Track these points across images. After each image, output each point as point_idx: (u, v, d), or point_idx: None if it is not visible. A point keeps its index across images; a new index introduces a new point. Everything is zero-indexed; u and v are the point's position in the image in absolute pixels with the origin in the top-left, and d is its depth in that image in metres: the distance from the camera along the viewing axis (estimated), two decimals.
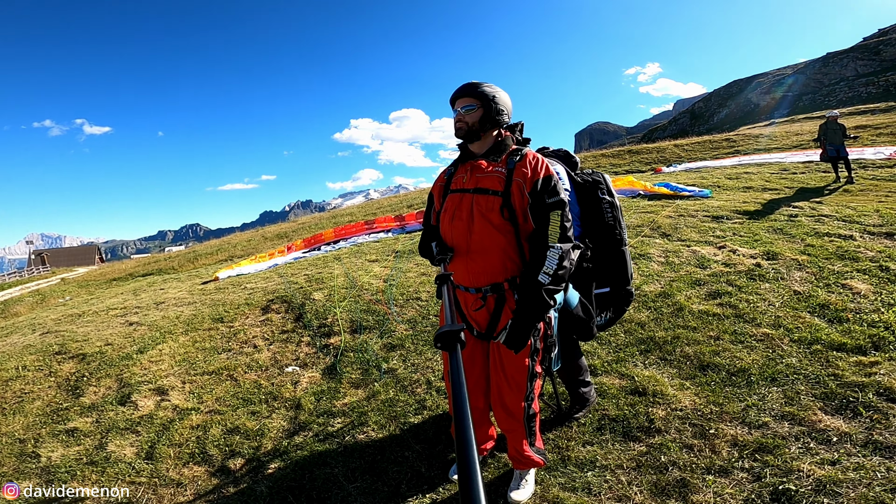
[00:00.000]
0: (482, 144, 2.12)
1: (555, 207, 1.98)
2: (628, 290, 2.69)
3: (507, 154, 2.08)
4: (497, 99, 2.06)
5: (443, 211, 2.17)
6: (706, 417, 2.68)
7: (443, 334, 1.17)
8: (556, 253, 1.94)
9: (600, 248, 2.55)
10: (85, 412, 3.74)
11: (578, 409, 2.83)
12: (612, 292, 2.63)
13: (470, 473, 0.75)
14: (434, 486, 2.41)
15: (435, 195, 2.27)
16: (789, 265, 4.78)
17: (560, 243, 1.95)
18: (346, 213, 20.88)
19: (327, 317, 5.07)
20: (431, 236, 2.24)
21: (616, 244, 2.57)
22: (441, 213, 2.18)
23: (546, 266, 1.93)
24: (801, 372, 3.01)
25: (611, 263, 2.59)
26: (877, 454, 2.24)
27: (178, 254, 20.51)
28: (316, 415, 3.24)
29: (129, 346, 5.15)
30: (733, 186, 9.47)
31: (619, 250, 2.59)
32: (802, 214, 6.71)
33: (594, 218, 2.56)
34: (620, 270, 2.62)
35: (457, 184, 2.14)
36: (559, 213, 1.98)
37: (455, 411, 0.92)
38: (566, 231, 1.98)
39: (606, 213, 2.55)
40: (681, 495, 2.16)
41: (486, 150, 2.11)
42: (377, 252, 8.57)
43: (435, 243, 2.12)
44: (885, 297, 3.83)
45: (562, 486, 2.30)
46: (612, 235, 2.56)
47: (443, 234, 2.16)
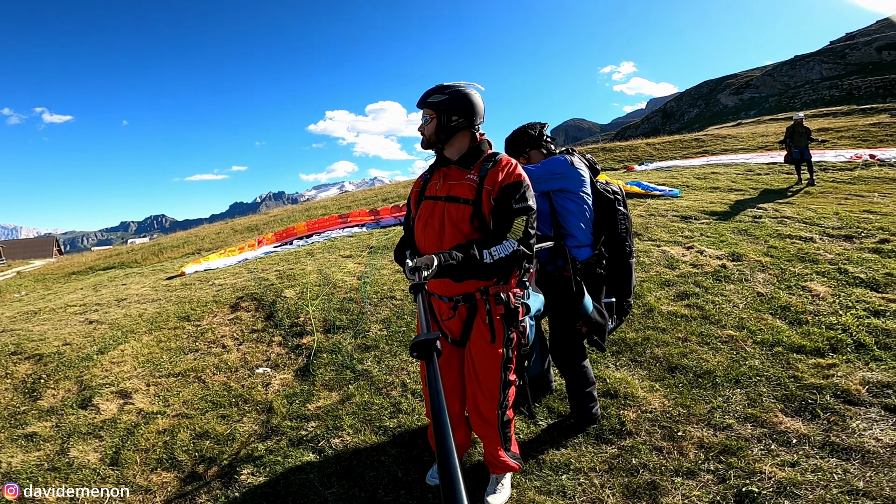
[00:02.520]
0: (454, 150, 2.07)
1: (521, 213, 1.91)
2: (629, 301, 2.76)
3: (482, 160, 2.03)
4: (450, 105, 1.97)
5: (417, 218, 2.13)
6: (675, 419, 2.76)
7: (419, 343, 1.16)
8: (513, 246, 1.87)
9: (611, 258, 2.62)
10: (44, 416, 3.56)
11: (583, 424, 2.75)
12: (616, 303, 2.69)
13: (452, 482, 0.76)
14: (412, 490, 2.41)
15: (411, 201, 2.23)
16: (753, 266, 4.96)
17: (520, 244, 1.89)
18: (320, 206, 20.52)
19: (299, 315, 4.97)
20: (407, 243, 2.20)
21: (625, 256, 2.64)
22: (416, 219, 2.14)
23: (496, 250, 1.85)
24: (763, 374, 3.14)
25: (617, 274, 2.65)
26: (833, 456, 2.35)
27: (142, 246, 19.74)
28: (289, 418, 3.18)
29: (89, 346, 4.92)
30: (701, 186, 9.76)
31: (626, 262, 2.66)
32: (766, 216, 6.98)
33: (607, 227, 2.62)
34: (625, 282, 2.69)
35: (431, 190, 2.10)
36: (524, 220, 1.92)
37: (434, 421, 0.92)
38: (529, 237, 1.92)
39: (620, 224, 2.62)
40: (651, 497, 2.22)
41: (460, 156, 2.06)
42: (351, 247, 8.46)
43: (409, 252, 2.08)
44: (843, 300, 4.03)
45: (537, 490, 2.33)
46: (623, 247, 2.63)
47: (416, 241, 2.12)
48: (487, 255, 1.83)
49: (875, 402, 2.73)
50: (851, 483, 2.15)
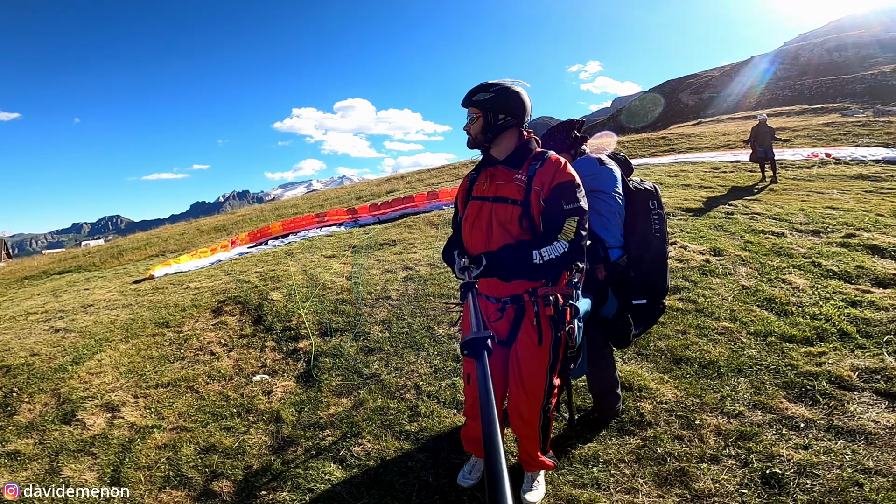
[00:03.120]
0: (501, 149, 2.04)
1: (572, 214, 1.86)
2: (663, 303, 2.70)
3: (530, 160, 1.99)
4: (496, 103, 1.93)
5: (464, 218, 2.10)
6: (689, 409, 2.85)
7: (470, 341, 1.17)
8: (563, 248, 1.82)
9: (642, 259, 2.54)
10: (23, 433, 3.29)
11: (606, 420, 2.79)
12: (648, 304, 2.61)
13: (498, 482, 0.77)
14: (445, 495, 2.38)
15: (458, 202, 2.19)
16: (734, 261, 5.19)
17: (571, 246, 1.84)
18: (290, 205, 19.99)
19: (291, 318, 4.81)
20: (455, 243, 2.17)
21: (660, 257, 2.58)
22: (463, 220, 2.11)
23: (546, 251, 1.82)
24: (762, 363, 3.29)
25: (651, 275, 2.58)
26: (840, 438, 2.50)
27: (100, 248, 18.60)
28: (300, 428, 3.07)
29: (61, 356, 4.59)
30: (674, 184, 10.14)
31: (662, 263, 2.60)
32: (738, 212, 7.32)
33: (641, 227, 2.54)
34: (660, 283, 2.62)
35: (477, 190, 2.07)
36: (576, 220, 1.86)
37: (483, 419, 0.93)
38: (581, 239, 1.87)
39: (654, 224, 2.55)
40: (683, 484, 2.29)
41: (507, 155, 2.03)
42: (332, 247, 8.27)
43: (457, 252, 2.05)
44: (822, 292, 4.28)
45: (572, 484, 2.36)
46: (658, 248, 2.56)
47: (464, 241, 2.10)
48: (537, 256, 1.81)
49: (866, 386, 2.92)
50: (862, 463, 2.29)
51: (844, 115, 20.78)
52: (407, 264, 6.22)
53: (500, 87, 1.94)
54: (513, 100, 1.96)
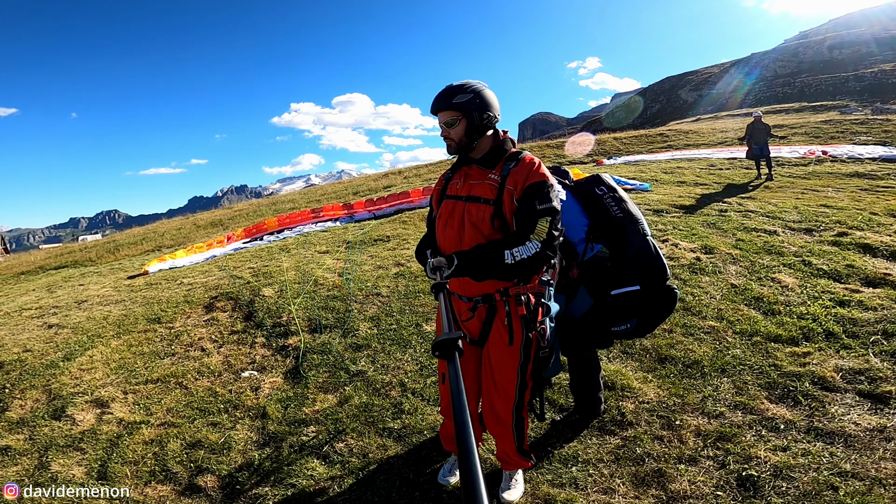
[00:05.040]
0: (478, 150, 2.03)
1: (544, 214, 1.85)
2: (668, 286, 2.41)
3: (504, 160, 1.99)
4: (477, 103, 1.92)
5: (438, 217, 2.11)
6: (671, 409, 2.87)
7: (441, 342, 1.17)
8: (536, 247, 1.81)
9: (619, 247, 2.40)
10: (14, 428, 3.33)
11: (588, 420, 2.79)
12: (644, 290, 2.37)
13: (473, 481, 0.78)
14: (426, 492, 2.40)
15: (433, 200, 2.20)
16: (725, 259, 5.20)
17: (544, 246, 1.83)
18: (288, 200, 19.95)
19: (281, 315, 4.83)
20: (429, 242, 2.17)
21: (633, 237, 2.39)
22: (437, 218, 2.12)
23: (518, 251, 1.80)
24: (746, 363, 3.31)
25: (636, 259, 2.38)
26: (819, 440, 2.51)
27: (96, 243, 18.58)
28: (286, 424, 3.09)
29: (53, 352, 4.62)
30: (669, 181, 10.13)
31: (640, 243, 2.38)
32: (731, 210, 7.32)
33: (602, 218, 2.44)
34: (649, 264, 2.37)
35: (452, 189, 2.08)
36: (548, 220, 1.85)
37: (455, 419, 0.94)
38: (553, 239, 1.86)
39: (612, 209, 2.43)
40: (659, 485, 2.31)
41: (482, 155, 2.03)
42: (327, 242, 8.28)
43: (430, 251, 2.05)
44: (810, 291, 4.29)
45: (550, 483, 2.38)
46: (627, 230, 2.39)
47: (437, 240, 2.10)
48: (509, 256, 1.80)
49: (849, 388, 2.93)
50: (839, 465, 2.31)
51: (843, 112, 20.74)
52: (399, 260, 6.24)
53: (473, 87, 1.94)
54: (490, 98, 1.96)
